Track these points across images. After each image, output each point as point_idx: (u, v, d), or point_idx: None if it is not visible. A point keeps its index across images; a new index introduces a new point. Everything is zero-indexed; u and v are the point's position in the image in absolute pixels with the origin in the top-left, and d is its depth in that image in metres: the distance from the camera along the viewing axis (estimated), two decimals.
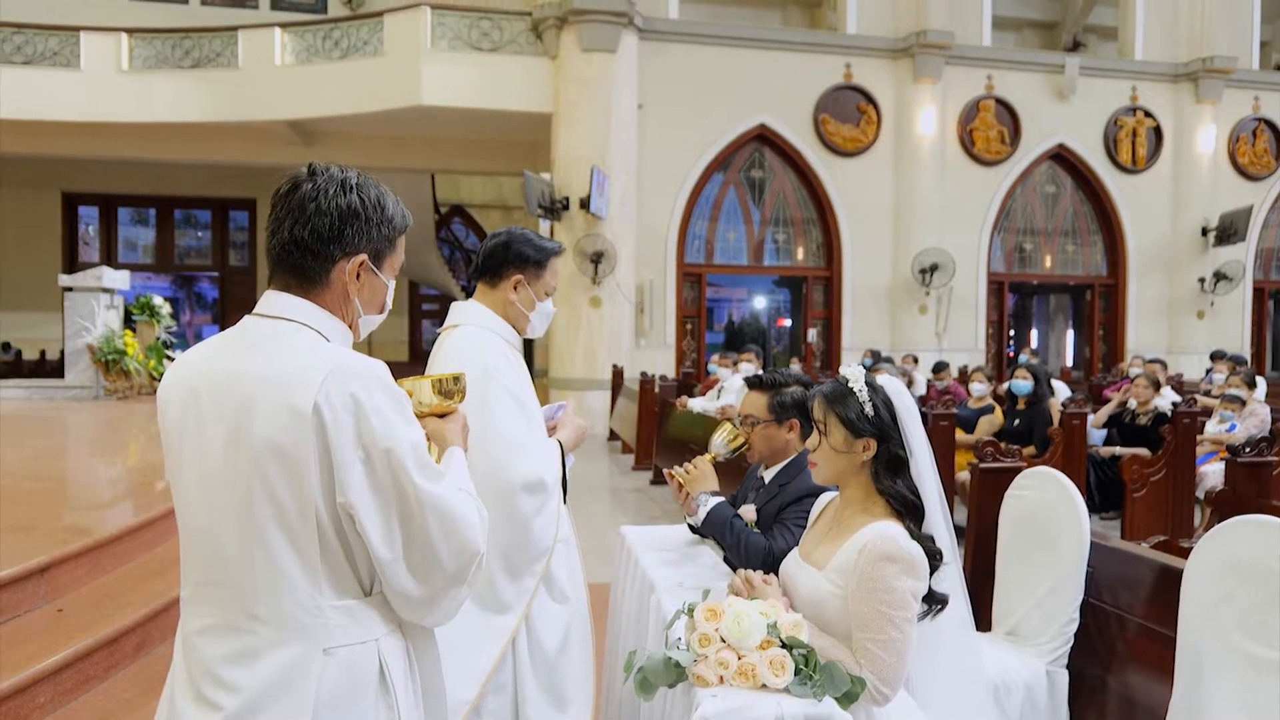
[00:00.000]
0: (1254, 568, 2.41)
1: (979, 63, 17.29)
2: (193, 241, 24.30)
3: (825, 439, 2.46)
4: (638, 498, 9.53)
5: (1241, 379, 8.75)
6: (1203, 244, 18.24)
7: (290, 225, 1.73)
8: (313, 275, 1.75)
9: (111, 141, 16.86)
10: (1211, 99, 18.14)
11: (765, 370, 3.41)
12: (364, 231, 1.77)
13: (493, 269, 2.92)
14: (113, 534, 4.85)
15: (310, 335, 1.72)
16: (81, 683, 3.72)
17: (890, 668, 2.21)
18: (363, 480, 1.63)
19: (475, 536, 1.73)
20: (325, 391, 1.61)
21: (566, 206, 14.73)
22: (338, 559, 1.67)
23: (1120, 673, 3.03)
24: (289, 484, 1.62)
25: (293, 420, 1.60)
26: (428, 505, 1.66)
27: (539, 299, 2.95)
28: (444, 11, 15.01)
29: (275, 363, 1.66)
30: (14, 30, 15.71)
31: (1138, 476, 7.10)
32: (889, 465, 2.40)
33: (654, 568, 3.13)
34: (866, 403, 2.41)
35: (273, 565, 1.63)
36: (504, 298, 2.91)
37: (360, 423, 1.62)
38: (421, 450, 1.69)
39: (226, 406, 1.66)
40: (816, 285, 17.43)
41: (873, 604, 2.24)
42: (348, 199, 1.74)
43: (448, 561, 1.70)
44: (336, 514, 1.64)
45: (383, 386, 1.67)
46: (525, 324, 2.95)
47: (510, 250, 2.90)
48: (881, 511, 2.38)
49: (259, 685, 1.62)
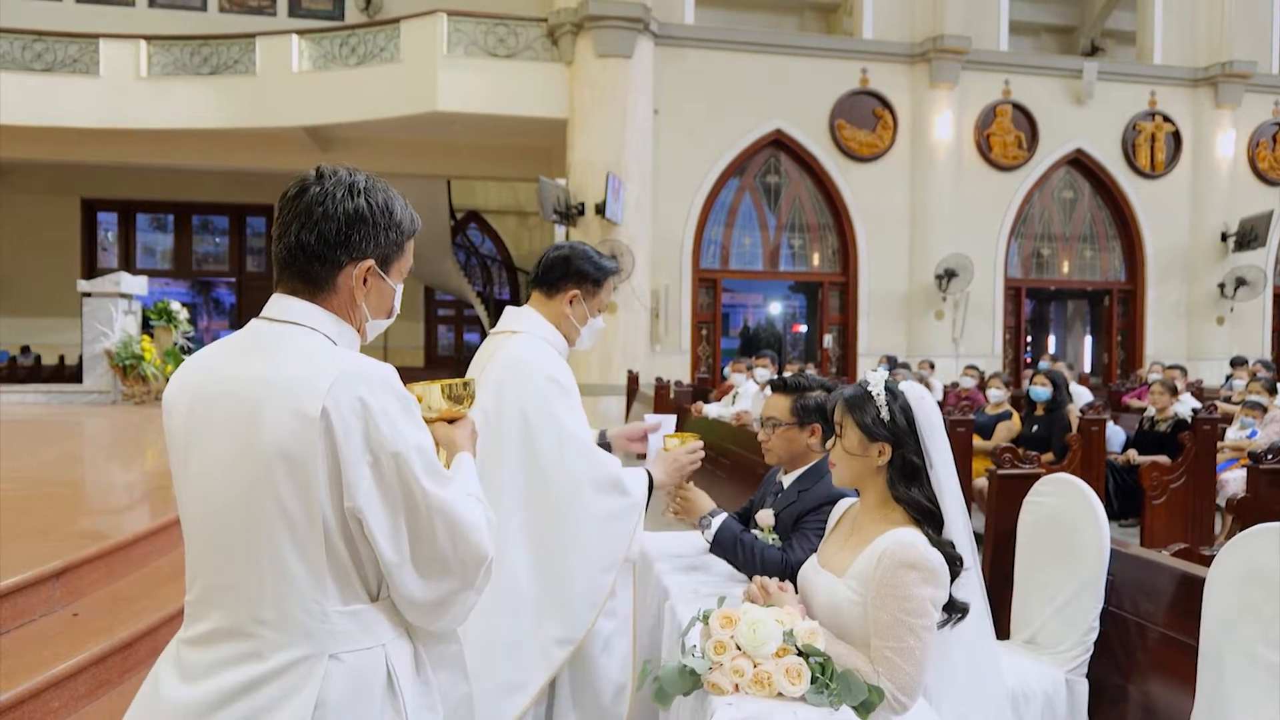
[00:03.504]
0: (1277, 576, 2.38)
1: (996, 68, 17.22)
2: (210, 247, 24.41)
3: (841, 441, 2.46)
4: (653, 504, 9.48)
5: (1262, 385, 8.68)
6: (1222, 249, 18.11)
7: (297, 229, 1.72)
8: (319, 280, 1.74)
9: (130, 148, 16.97)
10: (1231, 103, 18.01)
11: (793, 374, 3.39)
12: (371, 237, 1.75)
13: (551, 281, 2.97)
14: (128, 538, 4.85)
15: (317, 339, 1.71)
16: (96, 687, 3.71)
17: (909, 676, 2.19)
18: (371, 485, 1.62)
19: (483, 541, 1.72)
20: (333, 396, 1.59)
21: (582, 212, 14.73)
22: (344, 564, 1.66)
23: (1141, 682, 2.99)
24: (296, 489, 1.61)
25: (300, 425, 1.59)
26: (435, 509, 1.65)
27: (592, 315, 3.01)
28: (460, 18, 15.04)
29: (282, 368, 1.65)
30: (34, 38, 15.82)
31: (1157, 483, 7.04)
32: (904, 471, 2.38)
33: (668, 574, 3.12)
34: (884, 408, 2.40)
35: (279, 570, 1.63)
36: (559, 310, 2.96)
37: (368, 427, 1.61)
38: (430, 455, 1.68)
39: (233, 411, 1.65)
40: (832, 291, 17.38)
41: (891, 611, 2.22)
42: (355, 203, 1.73)
43: (455, 566, 1.69)
44: (344, 519, 1.63)
45: (390, 390, 1.66)
46: (576, 337, 3.01)
47: (571, 265, 2.96)
48: (900, 518, 2.36)
49: (268, 681, 1.61)
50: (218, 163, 17.96)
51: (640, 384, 13.78)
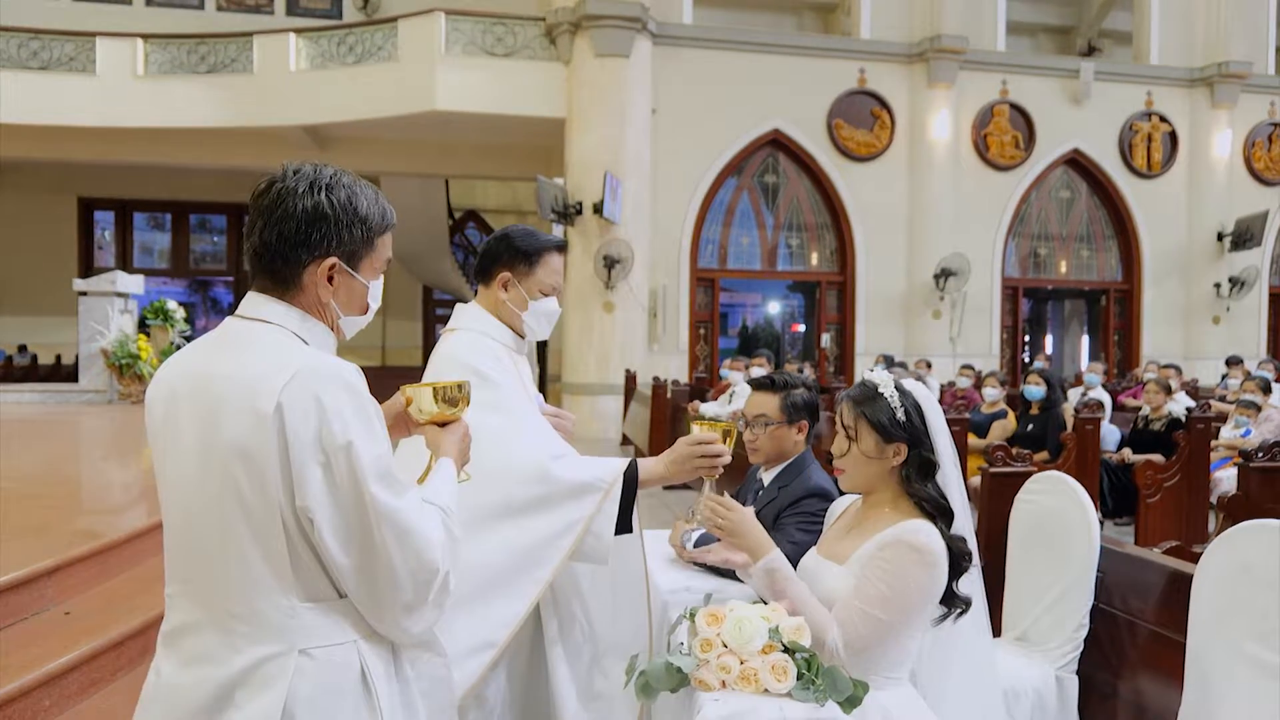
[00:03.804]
0: (1264, 573, 2.38)
1: (993, 68, 17.24)
2: (208, 246, 24.41)
3: (855, 444, 2.39)
4: (650, 502, 9.50)
5: (1256, 384, 8.69)
6: (1218, 249, 18.14)
7: (261, 228, 1.72)
8: (285, 278, 1.74)
9: (127, 146, 16.95)
10: (1227, 104, 18.04)
11: (774, 372, 3.37)
12: (333, 234, 1.73)
13: (486, 269, 2.77)
14: (121, 537, 4.86)
15: (283, 337, 1.71)
16: (87, 685, 3.71)
17: (862, 640, 2.20)
18: (321, 485, 1.60)
19: (434, 554, 1.67)
20: (289, 393, 1.59)
21: (580, 211, 14.74)
22: (309, 561, 1.64)
23: (1130, 678, 2.99)
24: (254, 486, 1.60)
25: (256, 422, 1.59)
26: (385, 517, 1.62)
27: (532, 298, 2.73)
28: (458, 17, 15.05)
29: (246, 365, 1.64)
30: (30, 36, 15.80)
31: (1151, 482, 7.04)
32: (920, 469, 2.36)
33: (660, 571, 3.11)
34: (898, 407, 2.36)
35: (245, 566, 1.62)
36: (495, 298, 2.75)
37: (321, 426, 1.59)
38: (385, 461, 1.65)
39: (199, 407, 1.66)
40: (830, 290, 17.39)
41: (876, 581, 2.23)
42: (314, 200, 1.71)
43: (404, 579, 1.65)
44: (298, 517, 1.62)
45: (348, 390, 1.63)
46: (520, 324, 2.76)
47: (501, 246, 2.75)
48: (912, 511, 2.35)
49: (240, 677, 1.61)
50: (215, 162, 17.94)
51: (638, 383, 13.78)
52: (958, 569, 2.31)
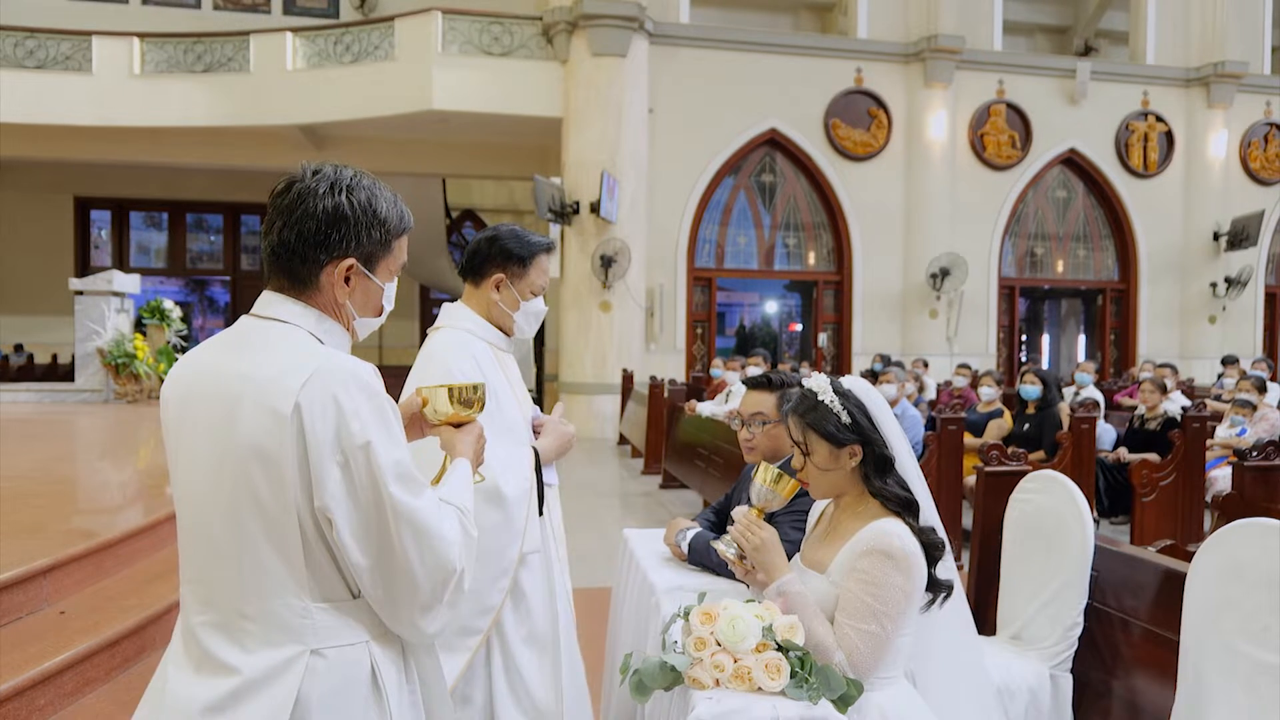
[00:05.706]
0: (1257, 571, 2.39)
1: (990, 67, 17.26)
2: (205, 246, 24.35)
3: (810, 459, 2.41)
4: (646, 502, 9.51)
5: (1251, 384, 8.69)
6: (1214, 249, 18.17)
7: (280, 227, 1.72)
8: (303, 278, 1.74)
9: (123, 146, 16.92)
10: (1223, 103, 18.08)
11: (769, 371, 3.35)
12: (352, 235, 1.74)
13: (476, 268, 2.80)
14: (116, 537, 4.86)
15: (300, 336, 1.71)
16: (82, 685, 3.72)
17: (865, 658, 2.21)
18: (339, 485, 1.60)
19: (451, 554, 1.67)
20: (307, 393, 1.59)
21: (577, 211, 14.73)
22: (323, 561, 1.65)
23: (1124, 677, 3.00)
24: (271, 486, 1.60)
25: (274, 422, 1.58)
26: (403, 517, 1.62)
27: (524, 298, 2.81)
28: (455, 16, 15.04)
29: (262, 365, 1.64)
30: (26, 35, 15.77)
31: (1147, 481, 7.06)
32: (877, 466, 2.36)
33: (655, 570, 3.12)
34: (841, 411, 2.36)
35: (259, 566, 1.62)
36: (487, 298, 2.79)
37: (340, 426, 1.59)
38: (403, 461, 1.65)
39: (214, 407, 1.65)
40: (827, 290, 17.40)
41: (859, 594, 2.23)
42: (334, 201, 1.71)
43: (422, 578, 1.65)
44: (316, 517, 1.62)
45: (366, 391, 1.63)
46: (510, 324, 2.82)
47: (494, 247, 2.78)
48: (879, 510, 2.35)
49: (251, 675, 1.61)
50: (212, 161, 17.93)
51: (635, 383, 13.78)
52: (933, 560, 2.31)
